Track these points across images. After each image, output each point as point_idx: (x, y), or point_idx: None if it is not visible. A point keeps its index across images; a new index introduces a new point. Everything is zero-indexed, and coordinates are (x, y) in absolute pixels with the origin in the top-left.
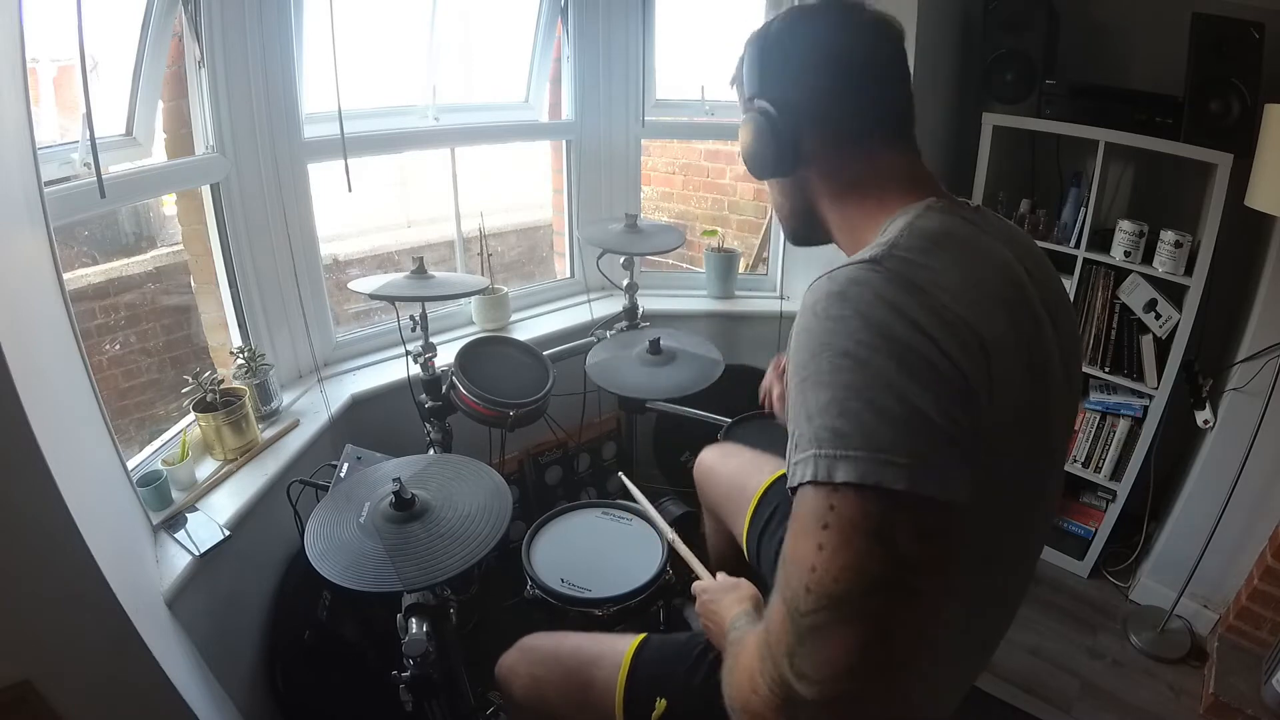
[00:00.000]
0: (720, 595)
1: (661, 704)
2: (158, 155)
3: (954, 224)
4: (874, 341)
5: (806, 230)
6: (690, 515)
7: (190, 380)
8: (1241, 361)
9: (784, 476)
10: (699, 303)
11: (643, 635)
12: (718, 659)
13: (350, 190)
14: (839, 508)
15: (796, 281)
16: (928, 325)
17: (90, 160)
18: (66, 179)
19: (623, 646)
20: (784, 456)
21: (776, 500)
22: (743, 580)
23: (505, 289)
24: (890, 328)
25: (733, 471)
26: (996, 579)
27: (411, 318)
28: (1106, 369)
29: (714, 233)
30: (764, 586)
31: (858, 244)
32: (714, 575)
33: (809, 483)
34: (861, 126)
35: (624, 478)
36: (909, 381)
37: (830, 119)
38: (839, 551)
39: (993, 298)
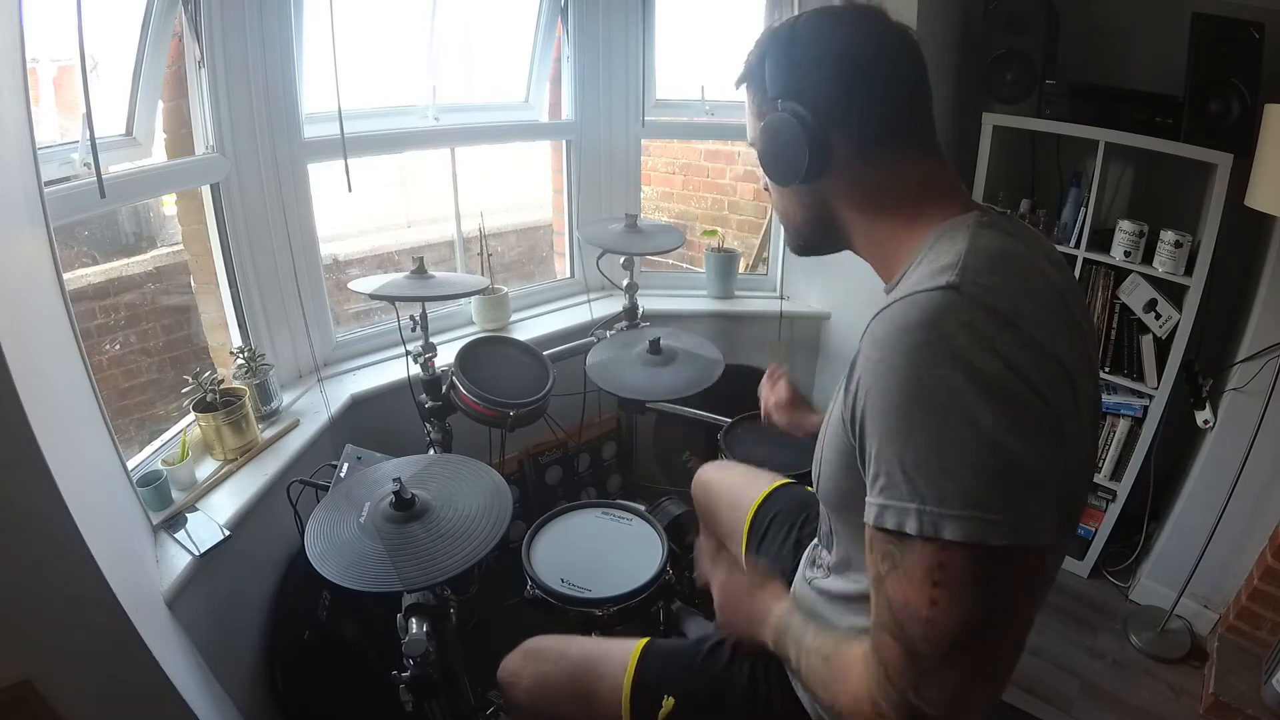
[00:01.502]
0: (755, 591)
1: (669, 702)
2: (158, 155)
3: (1007, 243)
4: (968, 390)
5: (820, 240)
6: (690, 514)
7: (190, 380)
8: (1241, 361)
9: (779, 489)
10: (699, 303)
11: (647, 638)
12: (728, 657)
13: (350, 190)
14: (948, 566)
15: (796, 281)
16: (1017, 360)
17: (90, 160)
18: (66, 179)
19: (629, 646)
20: (778, 465)
21: (772, 511)
22: (763, 578)
23: (505, 289)
24: (983, 371)
25: (729, 487)
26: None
27: (411, 318)
28: (1106, 369)
29: (714, 233)
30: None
31: (889, 258)
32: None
33: (915, 536)
34: (894, 133)
35: None
36: (1004, 431)
37: (865, 124)
38: (952, 607)
39: (1057, 318)
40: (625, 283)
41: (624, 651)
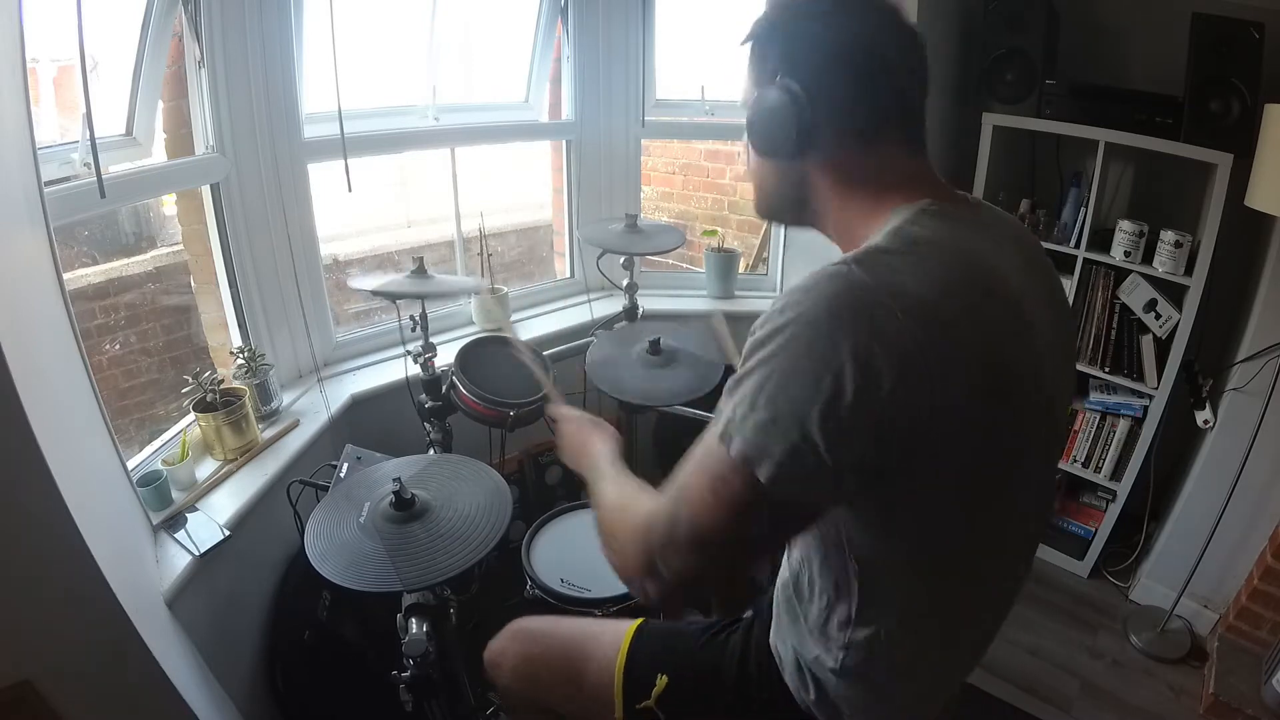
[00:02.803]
0: (587, 425)
1: (662, 681)
2: (158, 155)
3: (939, 229)
4: (815, 347)
5: (788, 213)
6: None
7: (190, 380)
8: (1241, 361)
9: None
10: (699, 303)
11: (641, 618)
12: (721, 634)
13: (350, 190)
14: (728, 478)
15: (797, 281)
16: (866, 347)
17: (90, 160)
18: (66, 179)
19: (621, 627)
20: None
21: None
22: (602, 420)
23: (505, 289)
24: (824, 349)
25: None
26: (958, 585)
27: (411, 317)
28: (1106, 369)
29: (714, 233)
30: (764, 581)
31: (851, 241)
32: None
33: (721, 440)
34: (880, 125)
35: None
36: (808, 405)
37: (852, 115)
38: (714, 510)
39: (955, 310)
40: (625, 283)
41: (615, 632)
